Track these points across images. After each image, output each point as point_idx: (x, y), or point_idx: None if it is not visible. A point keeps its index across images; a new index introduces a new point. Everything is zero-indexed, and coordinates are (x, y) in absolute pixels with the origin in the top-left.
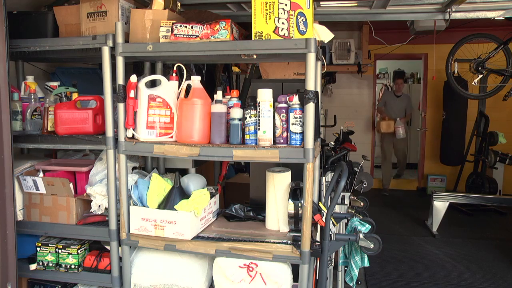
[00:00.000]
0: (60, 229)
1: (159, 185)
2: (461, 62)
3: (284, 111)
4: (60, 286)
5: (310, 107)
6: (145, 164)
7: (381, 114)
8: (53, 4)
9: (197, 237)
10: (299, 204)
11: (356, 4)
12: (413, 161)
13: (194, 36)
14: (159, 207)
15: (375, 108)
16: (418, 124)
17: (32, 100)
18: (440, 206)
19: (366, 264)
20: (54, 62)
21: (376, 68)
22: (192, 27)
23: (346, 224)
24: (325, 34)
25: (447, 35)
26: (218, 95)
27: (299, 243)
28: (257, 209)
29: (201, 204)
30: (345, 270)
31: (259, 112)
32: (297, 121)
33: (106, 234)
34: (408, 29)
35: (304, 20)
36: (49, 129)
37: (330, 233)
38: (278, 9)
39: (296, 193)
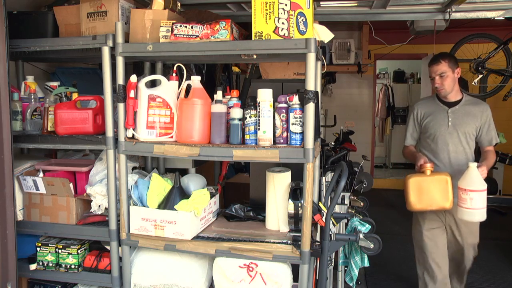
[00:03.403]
0: (60, 229)
1: (159, 185)
2: (461, 62)
3: (284, 111)
4: (60, 286)
5: (310, 107)
6: (145, 164)
7: (415, 159)
8: (53, 4)
9: (197, 237)
10: (299, 204)
11: (356, 4)
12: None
13: (194, 36)
14: (159, 207)
15: (375, 112)
16: None
17: (32, 100)
18: None
19: (366, 264)
20: (54, 62)
21: (376, 68)
22: (192, 27)
23: (346, 224)
24: (325, 34)
25: (447, 35)
26: (218, 95)
27: (299, 243)
28: (257, 209)
29: (201, 204)
30: (345, 270)
31: (259, 112)
32: (297, 121)
33: (106, 234)
34: (408, 29)
35: (304, 20)
36: (49, 129)
37: (330, 233)
38: (278, 9)
39: (296, 193)
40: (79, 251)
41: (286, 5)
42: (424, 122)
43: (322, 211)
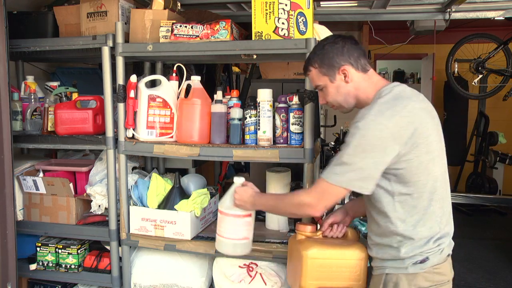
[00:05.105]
0: (60, 229)
1: (159, 185)
2: (461, 62)
3: (284, 111)
4: (60, 286)
5: (310, 107)
6: (145, 164)
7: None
8: (53, 4)
9: (197, 237)
10: None
11: (356, 4)
12: None
13: (194, 36)
14: (159, 207)
15: None
16: None
17: (32, 100)
18: None
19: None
20: (54, 62)
21: (376, 68)
22: (192, 27)
23: None
24: (325, 34)
25: (447, 35)
26: (218, 95)
27: None
28: None
29: (201, 204)
30: None
31: (259, 112)
32: (297, 121)
33: (106, 234)
34: (408, 29)
35: (304, 20)
36: (49, 129)
37: None
38: (278, 9)
39: None
40: (79, 251)
41: (286, 5)
42: None
43: None
